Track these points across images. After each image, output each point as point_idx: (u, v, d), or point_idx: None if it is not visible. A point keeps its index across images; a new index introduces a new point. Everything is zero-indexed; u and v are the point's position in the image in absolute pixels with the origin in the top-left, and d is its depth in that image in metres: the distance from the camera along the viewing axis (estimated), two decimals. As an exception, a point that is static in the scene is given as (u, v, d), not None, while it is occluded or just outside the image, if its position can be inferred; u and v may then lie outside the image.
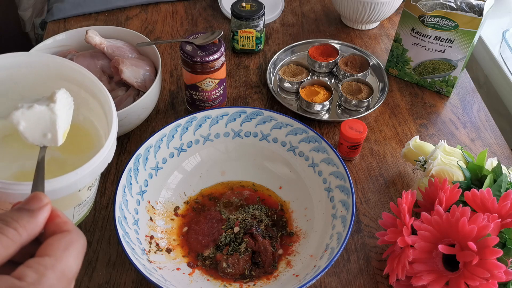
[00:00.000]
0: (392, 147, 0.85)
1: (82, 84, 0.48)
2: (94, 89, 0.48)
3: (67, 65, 0.46)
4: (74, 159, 0.58)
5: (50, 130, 0.44)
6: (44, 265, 0.31)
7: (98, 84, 0.47)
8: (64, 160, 0.54)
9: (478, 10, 0.81)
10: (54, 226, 0.34)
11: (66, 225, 0.35)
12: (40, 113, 0.43)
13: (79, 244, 0.34)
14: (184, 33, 1.07)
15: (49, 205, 0.35)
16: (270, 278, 0.66)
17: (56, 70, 0.47)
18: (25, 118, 0.42)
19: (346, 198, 0.67)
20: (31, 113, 0.43)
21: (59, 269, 0.31)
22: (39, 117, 0.43)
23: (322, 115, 0.89)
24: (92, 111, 0.51)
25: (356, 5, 1.01)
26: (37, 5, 1.42)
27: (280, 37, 1.07)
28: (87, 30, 0.83)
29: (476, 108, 0.93)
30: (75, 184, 0.45)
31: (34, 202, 0.34)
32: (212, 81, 0.81)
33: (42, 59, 0.47)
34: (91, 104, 0.51)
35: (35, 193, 0.35)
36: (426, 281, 0.57)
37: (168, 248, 0.68)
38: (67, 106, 0.45)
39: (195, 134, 0.76)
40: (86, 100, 0.50)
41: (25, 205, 0.34)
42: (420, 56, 0.92)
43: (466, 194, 0.61)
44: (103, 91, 0.47)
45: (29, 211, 0.33)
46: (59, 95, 0.44)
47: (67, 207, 0.51)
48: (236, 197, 0.75)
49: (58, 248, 0.32)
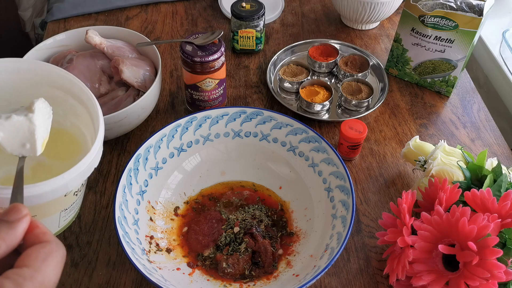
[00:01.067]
0: (392, 147, 0.85)
1: (70, 91, 0.48)
2: (81, 96, 0.48)
3: (55, 72, 0.46)
4: (61, 165, 0.58)
5: (29, 140, 0.43)
6: (23, 276, 0.31)
7: (86, 90, 0.46)
8: (51, 165, 0.53)
9: (478, 10, 0.81)
10: (33, 237, 0.34)
11: (45, 236, 0.34)
12: (19, 123, 0.43)
13: (58, 254, 0.34)
14: (184, 33, 1.07)
15: (28, 216, 0.35)
16: (270, 278, 0.66)
17: (44, 77, 0.47)
18: (3, 129, 0.42)
19: (346, 198, 0.67)
20: (9, 124, 0.42)
21: (38, 280, 0.31)
22: (17, 127, 0.42)
23: (322, 115, 0.89)
24: (80, 117, 0.51)
25: (356, 5, 1.01)
26: (37, 5, 1.42)
27: (280, 37, 1.07)
28: (87, 30, 0.83)
29: (476, 108, 0.93)
30: (62, 188, 0.45)
31: (13, 213, 0.34)
32: (212, 81, 0.81)
33: (30, 65, 0.47)
34: (79, 111, 0.51)
35: (14, 204, 0.35)
36: (426, 281, 0.57)
37: (168, 248, 0.68)
38: (45, 116, 0.45)
39: (195, 134, 0.76)
40: (74, 107, 0.49)
41: (3, 216, 0.34)
42: (420, 56, 0.92)
43: (466, 194, 0.61)
44: (91, 97, 0.46)
45: (8, 223, 0.33)
46: (38, 104, 0.44)
47: (53, 212, 0.50)
48: (236, 197, 0.75)
49: (37, 259, 0.32)
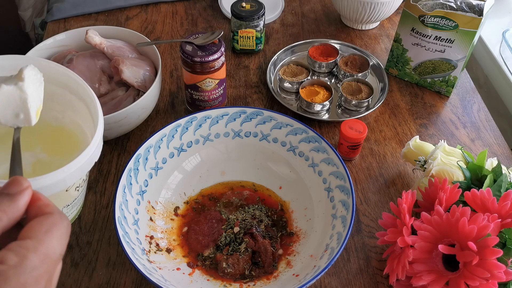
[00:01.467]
0: (392, 147, 0.85)
1: (68, 86, 0.47)
2: (79, 91, 0.47)
3: (53, 68, 0.45)
4: (61, 161, 0.57)
5: (22, 109, 0.42)
6: (26, 247, 0.30)
7: (84, 85, 0.46)
8: (51, 162, 0.53)
9: (478, 10, 0.81)
10: (36, 209, 0.33)
11: (48, 208, 0.34)
12: (9, 93, 0.41)
13: (62, 225, 0.33)
14: (184, 33, 1.07)
15: (29, 188, 0.34)
16: (270, 278, 0.66)
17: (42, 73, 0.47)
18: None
19: (346, 198, 0.67)
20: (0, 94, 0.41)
21: (41, 251, 0.31)
22: (8, 97, 0.41)
23: (322, 115, 0.89)
24: (78, 113, 0.50)
25: (356, 5, 1.01)
26: (37, 5, 1.42)
27: (280, 37, 1.07)
28: (87, 30, 0.83)
29: (476, 108, 0.93)
30: (62, 182, 0.44)
31: (14, 186, 0.33)
32: (212, 81, 0.81)
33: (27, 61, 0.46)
34: (77, 106, 0.50)
35: (14, 177, 0.34)
36: (426, 281, 0.57)
37: (168, 248, 0.68)
38: (37, 83, 0.43)
39: (195, 134, 0.76)
40: (72, 102, 0.49)
41: (4, 189, 0.33)
42: (420, 56, 0.92)
43: (466, 194, 0.61)
44: (89, 92, 0.46)
45: (9, 195, 0.33)
46: (27, 72, 0.42)
47: None
48: (236, 197, 0.75)
49: (40, 231, 0.32)
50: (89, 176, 0.78)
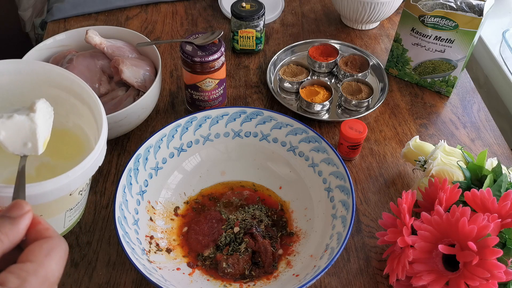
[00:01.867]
0: (392, 147, 0.85)
1: (71, 90, 0.48)
2: (83, 95, 0.48)
3: (56, 72, 0.46)
4: (64, 165, 0.58)
5: (30, 139, 0.44)
6: (26, 270, 0.31)
7: (87, 89, 0.46)
8: (55, 165, 0.53)
9: (478, 10, 0.81)
10: (35, 233, 0.34)
11: (48, 232, 0.35)
12: (20, 123, 0.43)
13: (61, 249, 0.34)
14: (184, 33, 1.07)
15: (30, 212, 0.35)
16: (270, 278, 0.66)
17: (45, 77, 0.47)
18: (5, 128, 0.43)
19: (346, 198, 0.67)
20: (11, 123, 0.43)
21: (41, 274, 0.32)
22: (19, 127, 0.43)
23: (322, 115, 0.89)
24: (82, 117, 0.51)
25: (356, 5, 1.01)
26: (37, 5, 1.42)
27: (280, 37, 1.07)
28: (87, 30, 0.83)
29: (476, 108, 0.93)
30: (67, 186, 0.45)
31: (16, 210, 0.34)
32: (212, 81, 0.81)
33: (31, 66, 0.47)
34: (81, 110, 0.51)
35: (16, 200, 0.35)
36: (426, 281, 0.57)
37: (168, 248, 0.68)
38: (47, 116, 0.46)
39: (195, 134, 0.76)
40: (76, 106, 0.50)
41: (6, 212, 0.34)
42: (420, 56, 0.92)
43: (466, 194, 0.61)
44: (93, 96, 0.47)
45: (11, 219, 0.34)
46: (39, 104, 0.44)
47: (59, 212, 0.50)
48: (236, 197, 0.75)
49: (40, 254, 0.33)
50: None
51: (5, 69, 0.47)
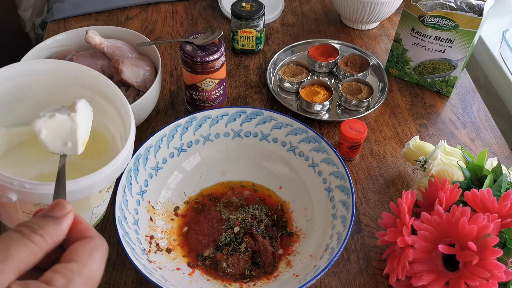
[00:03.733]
0: (392, 147, 0.85)
1: (97, 89, 0.48)
2: (109, 94, 0.48)
3: (83, 71, 0.46)
4: (90, 163, 0.58)
5: (71, 139, 0.44)
6: (71, 270, 0.32)
7: (114, 88, 0.47)
8: (81, 164, 0.54)
9: (478, 10, 0.81)
10: (77, 233, 0.35)
11: (89, 232, 0.35)
12: (61, 122, 0.44)
13: (102, 249, 0.35)
14: (184, 33, 1.07)
15: (72, 212, 0.35)
16: (270, 278, 0.66)
17: (72, 76, 0.47)
18: (46, 127, 0.43)
19: (346, 198, 0.67)
20: (53, 122, 0.43)
21: (85, 274, 0.32)
22: (60, 126, 0.43)
23: (322, 115, 0.89)
24: (107, 116, 0.51)
25: (356, 5, 1.01)
26: (37, 5, 1.42)
27: (280, 37, 1.07)
28: (87, 30, 0.83)
29: (476, 108, 0.93)
30: (99, 183, 0.46)
31: (58, 210, 0.35)
32: (212, 81, 0.81)
33: (58, 65, 0.48)
34: (106, 109, 0.51)
35: (59, 200, 0.35)
36: (426, 281, 0.57)
37: (168, 248, 0.68)
38: (87, 116, 0.46)
39: (195, 134, 0.76)
40: (101, 105, 0.50)
41: (49, 212, 0.35)
42: (420, 56, 0.92)
43: (466, 194, 0.61)
44: (119, 94, 0.47)
45: (54, 218, 0.34)
46: (80, 105, 0.45)
47: (88, 209, 0.50)
48: (236, 197, 0.75)
49: (83, 254, 0.33)
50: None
51: (33, 69, 0.47)
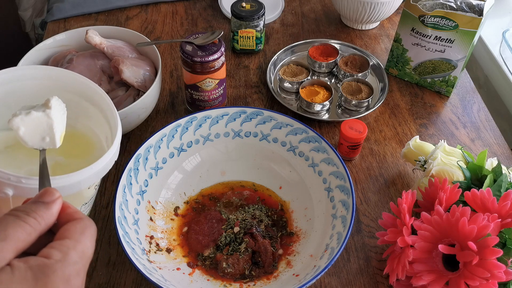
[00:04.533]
0: (392, 147, 0.85)
1: (84, 94, 0.50)
2: (95, 97, 0.51)
3: (70, 76, 0.49)
4: (77, 163, 0.60)
5: (48, 134, 0.47)
6: (67, 245, 0.35)
7: (100, 92, 0.49)
8: (68, 164, 0.56)
9: (478, 10, 0.81)
10: (66, 216, 0.38)
11: (78, 214, 0.39)
12: (38, 119, 0.46)
13: (92, 228, 0.39)
14: (184, 33, 1.07)
15: (60, 197, 0.38)
16: (270, 278, 0.66)
17: (59, 82, 0.50)
18: (24, 124, 0.45)
19: (346, 198, 0.67)
20: (29, 119, 0.45)
21: (79, 249, 0.36)
22: (37, 123, 0.46)
23: (322, 115, 0.89)
24: (91, 119, 0.54)
25: (356, 5, 1.01)
26: (37, 5, 1.42)
27: (280, 37, 1.07)
28: (87, 30, 0.83)
29: (476, 108, 0.93)
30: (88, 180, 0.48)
31: (48, 196, 0.38)
32: (212, 81, 0.81)
33: (46, 71, 0.50)
34: (91, 112, 0.53)
35: (47, 188, 0.38)
36: (426, 281, 0.57)
37: (168, 248, 0.68)
38: (61, 112, 0.48)
39: (195, 134, 0.76)
40: (86, 109, 0.52)
41: (39, 198, 0.38)
42: (420, 56, 0.92)
43: (466, 194, 0.61)
44: (105, 97, 0.49)
45: (44, 203, 0.37)
46: (53, 101, 0.47)
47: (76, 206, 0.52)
48: (236, 197, 0.75)
49: (75, 232, 0.37)
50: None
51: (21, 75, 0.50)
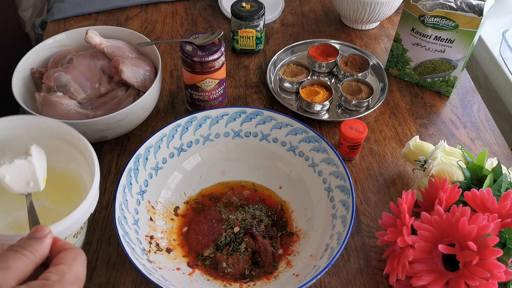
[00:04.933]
0: (392, 147, 0.85)
1: (70, 141, 0.55)
2: (80, 146, 0.55)
3: (57, 126, 0.53)
4: (63, 209, 0.64)
5: (32, 178, 0.51)
6: (62, 269, 0.40)
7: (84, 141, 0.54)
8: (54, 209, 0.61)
9: (478, 10, 0.81)
10: (58, 247, 0.43)
11: (68, 245, 0.43)
12: (21, 166, 0.50)
13: (83, 256, 0.43)
14: (184, 33, 1.07)
15: (51, 232, 0.43)
16: (270, 278, 0.66)
17: (48, 130, 0.54)
18: (9, 172, 0.50)
19: (346, 198, 0.67)
20: (13, 167, 0.50)
21: (73, 272, 0.40)
22: (20, 170, 0.50)
23: (322, 115, 0.89)
24: (80, 165, 0.60)
25: (356, 5, 1.01)
26: (37, 5, 1.42)
27: (280, 37, 1.07)
28: (87, 30, 0.83)
29: (476, 108, 0.93)
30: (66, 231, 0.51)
31: (39, 232, 0.42)
32: (212, 81, 0.82)
33: (35, 121, 0.54)
34: (79, 159, 0.58)
35: (38, 226, 0.43)
36: (426, 281, 0.57)
37: (168, 248, 0.68)
38: (41, 158, 0.53)
39: (195, 134, 0.76)
40: (75, 155, 0.56)
41: (32, 235, 0.42)
42: (420, 56, 0.92)
43: (466, 194, 0.61)
44: (88, 147, 0.53)
45: (37, 238, 0.42)
46: (33, 149, 0.51)
47: None
48: (236, 197, 0.75)
49: (68, 258, 0.41)
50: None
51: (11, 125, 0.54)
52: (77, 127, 0.73)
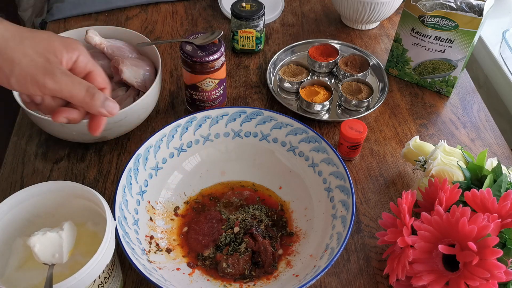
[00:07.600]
0: (392, 147, 0.85)
1: (91, 199, 0.60)
2: (98, 203, 0.60)
3: (78, 187, 0.59)
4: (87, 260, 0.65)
5: (58, 251, 0.55)
6: None
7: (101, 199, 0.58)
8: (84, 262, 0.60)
9: (478, 10, 0.81)
10: None
11: None
12: (52, 238, 0.55)
13: None
14: (184, 33, 1.07)
15: None
16: (270, 278, 0.66)
17: (70, 192, 0.60)
18: (39, 242, 0.54)
19: (346, 198, 0.67)
20: (44, 238, 0.55)
21: None
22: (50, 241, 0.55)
23: (322, 115, 0.89)
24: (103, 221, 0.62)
25: (356, 5, 1.01)
26: (37, 5, 1.42)
27: (280, 37, 1.07)
28: (87, 30, 0.83)
29: (476, 108, 0.93)
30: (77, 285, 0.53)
31: None
32: (212, 81, 0.81)
33: (59, 185, 0.60)
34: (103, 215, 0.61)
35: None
36: (426, 281, 0.57)
37: (168, 248, 0.68)
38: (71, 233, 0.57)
39: (195, 134, 0.76)
40: (98, 212, 0.61)
41: None
42: (420, 56, 0.92)
43: (466, 194, 0.61)
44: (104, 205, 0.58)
45: None
46: (66, 225, 0.57)
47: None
48: (236, 197, 0.75)
49: None
50: (89, 176, 0.78)
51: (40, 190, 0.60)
52: (77, 127, 0.73)
